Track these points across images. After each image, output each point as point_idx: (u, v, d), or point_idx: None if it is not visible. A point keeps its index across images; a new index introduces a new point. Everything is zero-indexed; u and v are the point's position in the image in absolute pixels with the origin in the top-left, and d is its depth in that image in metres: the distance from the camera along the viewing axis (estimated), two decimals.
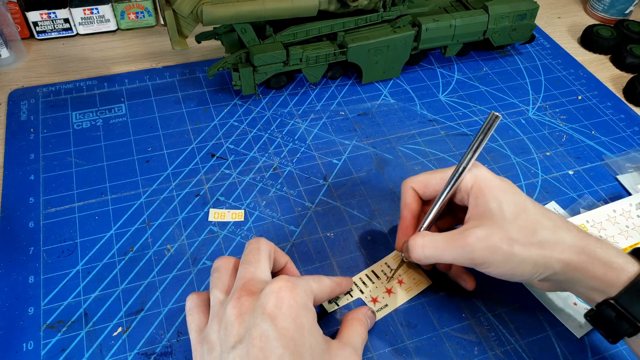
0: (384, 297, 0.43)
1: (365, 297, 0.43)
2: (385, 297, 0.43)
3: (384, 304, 0.42)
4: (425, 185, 0.41)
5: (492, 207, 0.37)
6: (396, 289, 0.43)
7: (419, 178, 0.42)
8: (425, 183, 0.41)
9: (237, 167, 0.53)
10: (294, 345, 0.31)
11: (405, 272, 0.44)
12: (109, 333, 0.40)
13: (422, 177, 0.42)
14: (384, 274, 0.44)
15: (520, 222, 0.36)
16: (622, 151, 0.57)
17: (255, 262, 0.36)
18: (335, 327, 0.41)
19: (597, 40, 0.72)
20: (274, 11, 0.52)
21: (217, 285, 0.36)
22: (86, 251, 0.45)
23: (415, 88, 0.64)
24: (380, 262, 0.45)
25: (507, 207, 0.36)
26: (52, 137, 0.55)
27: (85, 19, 0.67)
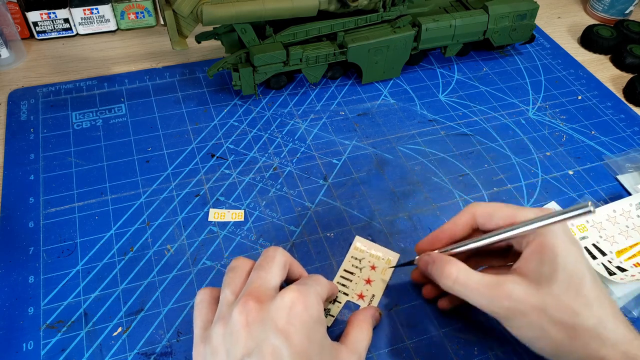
0: (367, 288, 0.43)
1: (352, 297, 0.43)
2: (369, 288, 0.43)
3: (371, 294, 0.43)
4: (490, 214, 0.38)
5: (544, 271, 0.34)
6: (374, 276, 0.44)
7: (486, 206, 0.38)
8: (491, 213, 0.38)
9: (237, 167, 0.53)
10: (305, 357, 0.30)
11: (372, 257, 0.45)
12: (109, 333, 0.40)
13: (490, 206, 0.38)
14: (355, 267, 0.44)
15: (566, 299, 0.33)
16: (622, 151, 0.57)
17: (268, 268, 0.35)
18: (338, 327, 0.41)
19: (597, 40, 0.72)
20: (274, 11, 0.52)
21: (229, 285, 0.35)
22: (86, 251, 0.45)
23: (415, 88, 0.64)
24: (346, 258, 0.45)
25: (560, 277, 0.33)
26: (52, 137, 0.55)
27: (85, 19, 0.67)
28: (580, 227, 0.47)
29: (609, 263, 0.45)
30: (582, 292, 0.33)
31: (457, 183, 0.53)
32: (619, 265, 0.45)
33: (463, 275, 0.35)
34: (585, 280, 0.33)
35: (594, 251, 0.46)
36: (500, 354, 0.40)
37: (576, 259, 0.34)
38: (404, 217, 0.49)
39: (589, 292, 0.33)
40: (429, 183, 0.53)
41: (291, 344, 0.30)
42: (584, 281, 0.33)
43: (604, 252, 0.46)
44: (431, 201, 0.51)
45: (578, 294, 0.33)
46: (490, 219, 0.37)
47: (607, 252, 0.46)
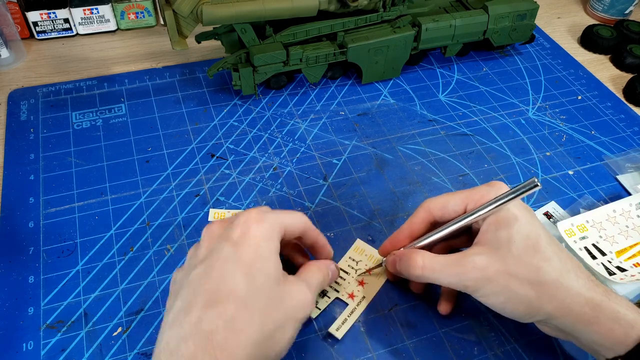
0: (359, 290, 0.43)
1: (342, 295, 0.43)
2: (361, 290, 0.43)
3: (362, 296, 0.43)
4: (443, 206, 0.40)
5: (501, 236, 0.36)
6: (368, 279, 0.44)
7: (438, 199, 0.40)
8: (444, 204, 0.40)
9: (237, 167, 0.53)
10: (249, 270, 0.32)
11: (370, 259, 0.45)
12: (109, 333, 0.40)
13: (442, 198, 0.40)
14: (352, 268, 0.45)
15: (525, 258, 0.35)
16: (622, 151, 0.57)
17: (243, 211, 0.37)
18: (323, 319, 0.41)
19: (597, 40, 0.72)
20: (274, 11, 0.52)
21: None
22: (86, 251, 0.45)
23: (415, 88, 0.64)
24: (343, 257, 0.45)
25: (517, 239, 0.35)
26: (52, 137, 0.55)
27: (85, 19, 0.67)
28: (580, 227, 0.47)
29: (609, 263, 0.45)
30: (540, 249, 0.35)
31: (457, 183, 0.53)
32: (619, 265, 0.45)
33: (428, 261, 0.37)
34: (540, 238, 0.36)
35: (594, 251, 0.46)
36: (500, 354, 0.40)
37: (529, 221, 0.36)
38: (404, 217, 0.49)
39: (546, 248, 0.35)
40: (429, 183, 0.53)
41: (237, 252, 0.33)
42: (540, 240, 0.35)
43: (604, 252, 0.46)
44: None
45: (536, 250, 0.35)
46: (445, 210, 0.39)
47: (607, 252, 0.46)
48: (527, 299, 0.34)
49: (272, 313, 0.32)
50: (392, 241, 0.42)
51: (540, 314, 0.35)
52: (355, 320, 0.41)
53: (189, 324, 0.30)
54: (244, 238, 0.33)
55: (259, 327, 0.31)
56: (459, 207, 0.39)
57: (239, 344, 0.30)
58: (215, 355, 0.29)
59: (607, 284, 0.44)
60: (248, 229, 0.34)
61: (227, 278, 0.32)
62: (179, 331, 0.31)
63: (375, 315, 0.42)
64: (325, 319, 0.42)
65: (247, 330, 0.31)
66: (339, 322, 0.41)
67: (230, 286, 0.32)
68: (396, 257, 0.40)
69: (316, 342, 0.40)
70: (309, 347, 0.40)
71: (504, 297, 0.35)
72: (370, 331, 0.41)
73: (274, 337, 0.32)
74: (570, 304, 0.34)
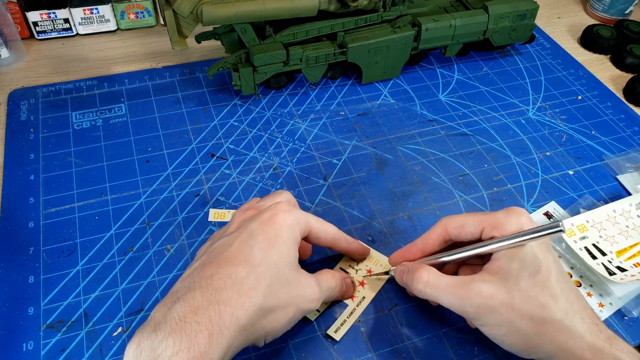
0: (360, 290, 0.43)
1: None
2: (361, 290, 0.43)
3: (362, 296, 0.43)
4: (460, 226, 0.39)
5: (512, 268, 0.35)
6: (367, 279, 0.44)
7: (456, 218, 0.39)
8: (462, 224, 0.39)
9: (237, 167, 0.53)
10: (267, 246, 0.35)
11: (371, 261, 0.45)
12: (109, 333, 0.40)
13: (460, 218, 0.39)
14: (352, 267, 0.45)
15: (532, 293, 0.34)
16: (622, 151, 0.57)
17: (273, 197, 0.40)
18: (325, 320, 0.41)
19: (597, 40, 0.72)
20: (274, 11, 0.52)
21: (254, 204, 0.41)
22: (86, 251, 0.45)
23: (415, 88, 0.64)
24: (344, 257, 0.45)
25: (527, 273, 0.34)
26: (52, 137, 0.55)
27: (85, 19, 0.67)
28: (580, 227, 0.47)
29: (609, 263, 0.45)
30: (549, 285, 0.34)
31: (457, 183, 0.53)
32: (619, 265, 0.45)
33: (433, 278, 0.37)
34: (551, 274, 0.35)
35: (594, 251, 0.46)
36: (500, 354, 0.40)
37: (543, 255, 0.35)
38: (404, 217, 0.49)
39: (555, 285, 0.34)
40: (429, 183, 0.53)
41: (262, 229, 0.35)
42: (550, 275, 0.35)
43: (604, 252, 0.46)
44: (431, 201, 0.51)
45: (545, 286, 0.34)
46: (462, 230, 0.39)
47: (607, 252, 0.46)
48: (528, 335, 0.34)
49: (278, 291, 0.34)
50: (403, 253, 0.41)
51: (539, 353, 0.34)
52: (355, 321, 0.41)
53: (200, 277, 0.33)
54: (271, 220, 0.36)
55: (263, 297, 0.33)
56: (475, 229, 0.38)
57: (242, 304, 0.32)
58: (219, 309, 0.31)
59: (607, 283, 0.44)
60: (276, 215, 0.36)
61: (245, 248, 0.34)
62: (189, 283, 0.33)
63: (375, 315, 0.42)
64: (325, 319, 0.42)
65: (253, 295, 0.33)
66: (338, 323, 0.41)
67: (246, 254, 0.34)
68: (405, 268, 0.40)
69: (316, 342, 0.40)
70: (309, 347, 0.40)
71: (505, 329, 0.34)
72: (370, 331, 0.41)
73: (274, 312, 0.34)
74: (572, 347, 0.33)
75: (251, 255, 0.34)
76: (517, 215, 0.37)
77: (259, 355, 0.39)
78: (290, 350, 0.40)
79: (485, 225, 0.38)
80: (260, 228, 0.35)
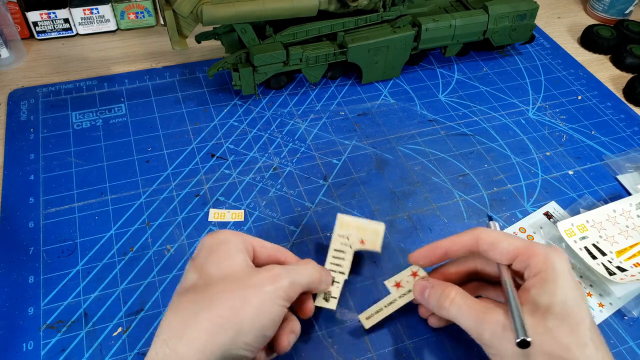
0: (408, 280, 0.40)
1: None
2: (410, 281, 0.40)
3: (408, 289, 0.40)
4: (493, 243, 0.36)
5: (541, 300, 0.33)
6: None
7: (492, 234, 0.37)
8: (496, 242, 0.36)
9: (237, 167, 0.53)
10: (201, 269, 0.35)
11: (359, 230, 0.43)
12: (109, 333, 0.40)
13: (496, 235, 0.37)
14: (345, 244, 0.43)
15: (559, 333, 0.32)
16: (622, 151, 0.57)
17: None
18: (333, 326, 0.41)
19: (597, 40, 0.72)
20: (274, 11, 0.52)
21: None
22: (86, 251, 0.45)
23: (415, 88, 0.64)
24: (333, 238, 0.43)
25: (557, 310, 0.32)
26: (52, 137, 0.55)
27: (85, 19, 0.67)
28: (580, 227, 0.47)
29: (609, 263, 0.45)
30: (579, 331, 0.32)
31: (457, 183, 0.53)
32: (619, 265, 0.45)
33: (459, 299, 0.36)
34: (584, 321, 0.33)
35: (594, 251, 0.46)
36: None
37: (577, 301, 0.33)
38: (404, 217, 0.49)
39: (586, 333, 0.32)
40: (429, 183, 0.53)
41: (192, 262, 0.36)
42: (582, 322, 0.32)
43: (604, 252, 0.46)
44: (431, 201, 0.51)
45: (573, 331, 0.32)
46: (493, 248, 0.37)
47: (607, 252, 0.46)
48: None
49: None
50: (427, 252, 0.39)
51: None
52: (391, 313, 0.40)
53: None
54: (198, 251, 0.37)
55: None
56: (508, 254, 0.36)
57: None
58: None
59: (607, 283, 0.44)
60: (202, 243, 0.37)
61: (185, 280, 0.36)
62: None
63: None
64: (326, 317, 0.42)
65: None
66: (372, 310, 0.39)
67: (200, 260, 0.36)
68: (428, 283, 0.38)
69: (316, 342, 0.40)
70: (309, 347, 0.40)
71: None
72: (370, 331, 0.41)
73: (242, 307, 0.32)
74: None
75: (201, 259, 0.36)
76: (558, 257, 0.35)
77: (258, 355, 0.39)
78: (290, 351, 0.40)
79: (520, 253, 0.35)
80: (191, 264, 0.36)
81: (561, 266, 0.34)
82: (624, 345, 0.41)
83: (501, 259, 0.36)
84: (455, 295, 0.36)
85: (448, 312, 0.36)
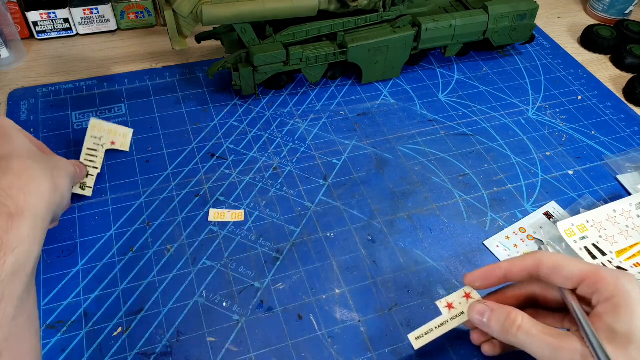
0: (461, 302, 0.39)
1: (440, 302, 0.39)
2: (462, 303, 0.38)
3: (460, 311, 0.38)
4: (556, 267, 0.35)
5: (619, 328, 0.31)
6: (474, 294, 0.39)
7: (554, 257, 0.35)
8: (559, 266, 0.35)
9: (237, 167, 0.53)
10: None
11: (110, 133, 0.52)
12: (109, 333, 0.40)
13: (559, 258, 0.35)
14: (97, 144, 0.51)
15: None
16: (622, 151, 0.57)
17: None
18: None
19: (597, 40, 0.72)
20: (274, 11, 0.52)
21: None
22: (86, 251, 0.45)
23: (415, 88, 0.64)
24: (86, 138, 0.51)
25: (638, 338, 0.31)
26: (52, 137, 0.55)
27: (85, 19, 0.67)
28: (580, 227, 0.47)
29: (609, 263, 0.45)
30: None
31: (457, 183, 0.53)
32: (619, 265, 0.45)
33: (527, 324, 0.34)
34: None
35: (594, 251, 0.46)
36: (501, 355, 0.40)
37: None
38: (404, 217, 0.49)
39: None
40: (429, 183, 0.53)
41: None
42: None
43: (604, 252, 0.46)
44: (431, 201, 0.51)
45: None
46: (556, 272, 0.35)
47: (607, 252, 0.46)
48: None
49: None
50: (484, 274, 0.37)
51: None
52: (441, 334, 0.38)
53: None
54: None
55: None
56: (574, 278, 0.34)
57: None
58: None
59: None
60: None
61: None
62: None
63: (375, 315, 0.42)
64: (326, 317, 0.42)
65: None
66: (423, 330, 0.38)
67: None
68: (487, 308, 0.36)
69: (316, 342, 0.40)
70: (309, 347, 0.40)
71: None
72: (370, 331, 0.41)
73: None
74: None
75: None
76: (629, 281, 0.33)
77: (258, 355, 0.39)
78: (290, 350, 0.40)
79: (587, 277, 0.34)
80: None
81: (635, 291, 0.33)
82: None
83: (565, 284, 0.35)
84: (522, 320, 0.34)
85: (516, 338, 0.34)
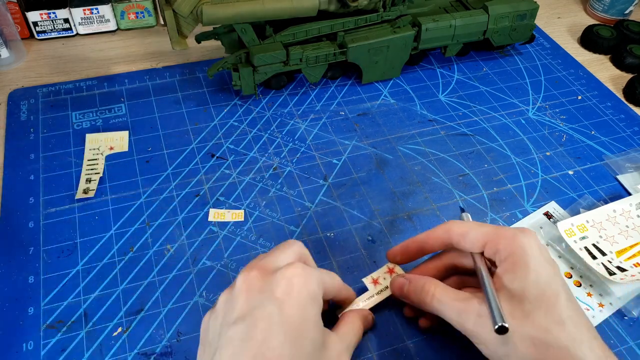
0: (385, 277, 0.42)
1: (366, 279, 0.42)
2: (387, 278, 0.42)
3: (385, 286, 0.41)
4: (463, 234, 0.37)
5: (515, 288, 0.33)
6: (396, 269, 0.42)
7: (462, 225, 0.38)
8: (465, 232, 0.37)
9: (237, 167, 0.53)
10: (296, 335, 0.31)
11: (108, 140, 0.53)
12: (109, 333, 0.40)
13: (466, 225, 0.38)
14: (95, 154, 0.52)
15: (536, 316, 0.32)
16: (622, 151, 0.57)
17: (280, 251, 0.35)
18: None
19: (597, 40, 0.72)
20: (273, 11, 0.52)
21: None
22: (86, 251, 0.45)
23: (415, 88, 0.64)
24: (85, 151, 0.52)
25: (531, 294, 0.33)
26: (52, 137, 0.55)
27: (85, 19, 0.67)
28: (580, 227, 0.47)
29: (609, 263, 0.45)
30: (555, 310, 0.32)
31: (457, 183, 0.53)
32: (619, 265, 0.45)
33: (440, 292, 0.36)
34: (559, 298, 0.33)
35: (594, 251, 0.46)
36: None
37: (549, 277, 0.33)
38: (404, 217, 0.49)
39: (563, 311, 0.32)
40: (429, 183, 0.53)
41: (283, 312, 0.31)
42: (557, 299, 0.33)
43: (604, 252, 0.46)
44: (431, 201, 0.51)
45: (549, 311, 0.32)
46: (464, 238, 0.37)
47: (607, 252, 0.46)
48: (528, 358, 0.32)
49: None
50: (402, 248, 0.41)
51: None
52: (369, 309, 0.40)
53: None
54: (289, 297, 0.31)
55: None
56: (478, 242, 0.36)
57: None
58: None
59: (607, 283, 0.44)
60: (293, 287, 0.32)
61: (272, 342, 0.30)
62: None
63: (375, 315, 0.42)
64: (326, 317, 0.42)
65: None
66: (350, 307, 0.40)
67: (276, 352, 0.29)
68: (405, 280, 0.39)
69: None
70: None
71: (503, 351, 0.33)
72: (370, 331, 0.41)
73: None
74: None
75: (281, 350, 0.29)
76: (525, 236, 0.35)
77: None
78: None
79: (489, 239, 0.36)
80: (280, 311, 0.30)
81: (529, 246, 0.34)
82: (624, 345, 0.41)
83: (472, 248, 0.37)
84: (435, 289, 0.36)
85: (432, 306, 0.36)
